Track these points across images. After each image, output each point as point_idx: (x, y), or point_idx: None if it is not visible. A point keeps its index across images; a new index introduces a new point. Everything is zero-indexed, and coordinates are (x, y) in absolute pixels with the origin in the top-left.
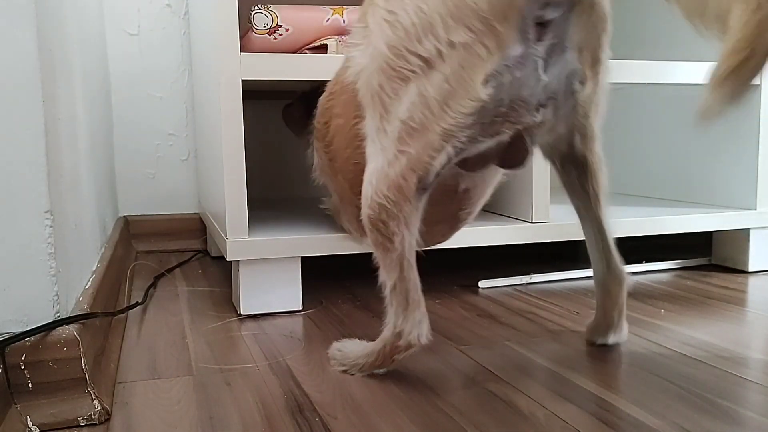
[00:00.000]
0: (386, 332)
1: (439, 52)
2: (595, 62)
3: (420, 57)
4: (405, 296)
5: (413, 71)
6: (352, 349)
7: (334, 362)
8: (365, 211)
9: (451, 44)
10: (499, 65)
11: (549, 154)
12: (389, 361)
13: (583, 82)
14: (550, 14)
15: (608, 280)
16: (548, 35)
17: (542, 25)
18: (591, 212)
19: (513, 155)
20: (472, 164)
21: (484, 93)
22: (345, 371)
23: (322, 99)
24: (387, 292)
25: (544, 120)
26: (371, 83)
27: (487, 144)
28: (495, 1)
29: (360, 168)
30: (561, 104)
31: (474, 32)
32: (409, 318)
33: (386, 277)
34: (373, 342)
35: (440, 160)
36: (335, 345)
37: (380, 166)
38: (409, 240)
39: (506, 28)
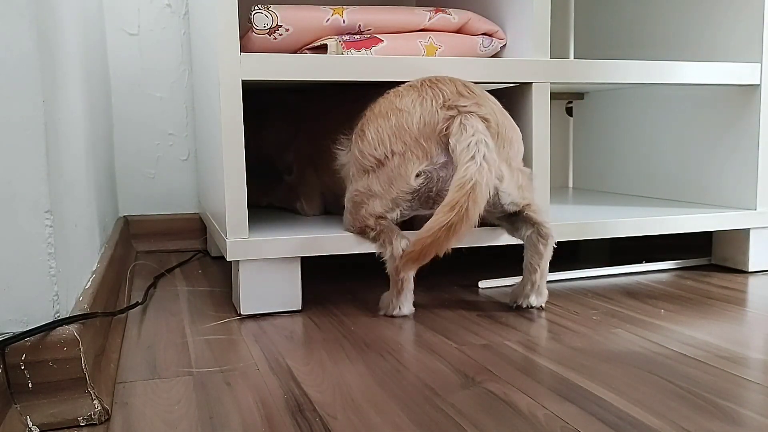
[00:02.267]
0: (387, 265)
1: (386, 156)
2: (509, 164)
3: (375, 158)
4: (387, 236)
5: (372, 167)
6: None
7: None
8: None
9: (393, 152)
10: (428, 166)
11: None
12: (398, 274)
13: (500, 179)
14: None
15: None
16: None
17: None
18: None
19: None
20: (419, 220)
21: (416, 183)
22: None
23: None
24: (372, 242)
25: None
26: (348, 171)
27: (425, 212)
28: (422, 128)
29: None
30: None
31: (407, 145)
32: (394, 243)
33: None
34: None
35: (394, 215)
36: None
37: (349, 210)
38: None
39: (430, 145)
